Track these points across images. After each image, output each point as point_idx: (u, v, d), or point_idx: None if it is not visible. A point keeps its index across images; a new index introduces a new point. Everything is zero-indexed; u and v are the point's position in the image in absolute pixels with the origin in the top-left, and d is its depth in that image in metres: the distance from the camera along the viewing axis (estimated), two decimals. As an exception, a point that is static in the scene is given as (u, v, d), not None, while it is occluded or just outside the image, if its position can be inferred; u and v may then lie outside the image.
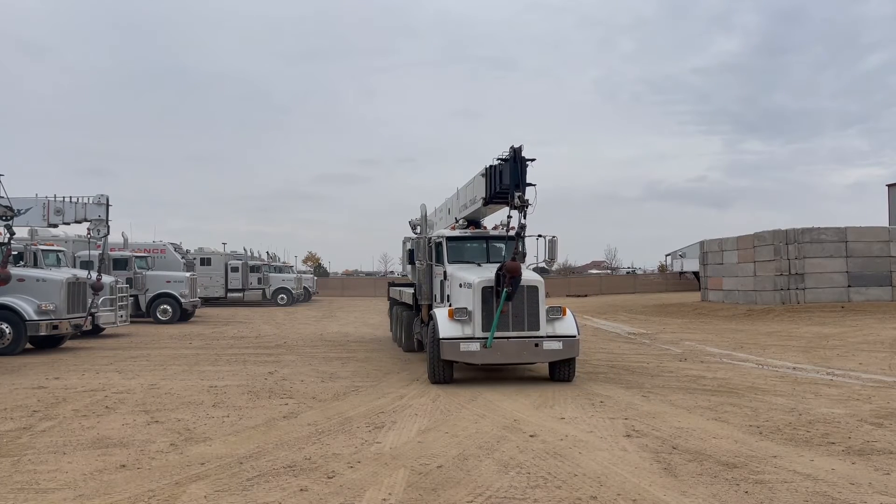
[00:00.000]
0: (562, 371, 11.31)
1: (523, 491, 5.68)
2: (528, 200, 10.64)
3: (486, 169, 11.60)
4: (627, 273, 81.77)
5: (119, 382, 11.85)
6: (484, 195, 11.81)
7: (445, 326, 10.98)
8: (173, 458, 6.84)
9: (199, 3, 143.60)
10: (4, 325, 15.80)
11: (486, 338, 10.73)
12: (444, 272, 12.75)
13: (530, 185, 10.75)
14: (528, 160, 10.74)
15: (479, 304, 10.92)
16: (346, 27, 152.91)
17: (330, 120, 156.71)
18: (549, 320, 11.12)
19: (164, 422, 8.57)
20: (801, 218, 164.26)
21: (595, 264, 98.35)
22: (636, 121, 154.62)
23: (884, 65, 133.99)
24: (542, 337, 10.93)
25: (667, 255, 72.42)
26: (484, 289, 10.93)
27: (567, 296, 54.73)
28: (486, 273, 11.26)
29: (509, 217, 11.05)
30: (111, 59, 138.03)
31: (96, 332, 20.24)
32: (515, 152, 10.66)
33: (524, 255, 12.30)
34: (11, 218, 16.28)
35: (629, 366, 13.77)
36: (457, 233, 13.39)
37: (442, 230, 13.87)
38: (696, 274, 47.77)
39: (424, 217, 14.04)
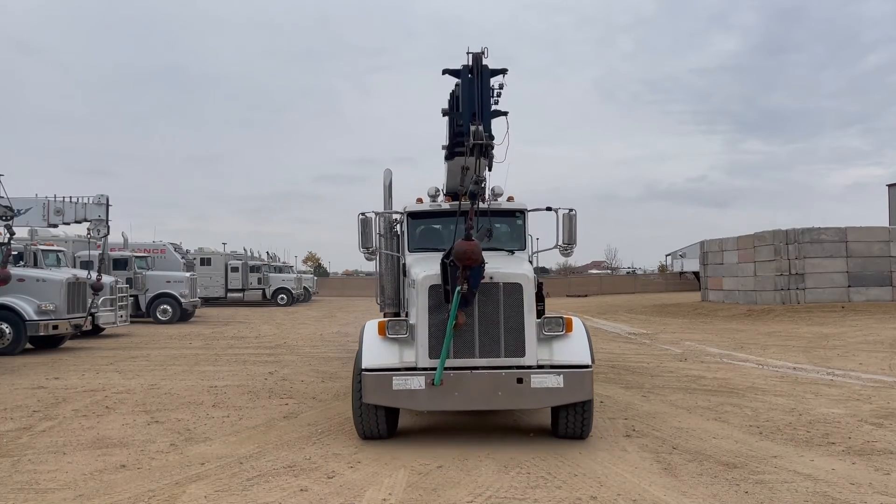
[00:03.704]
0: (570, 422, 7.19)
1: (523, 491, 5.68)
2: (491, 136, 6.73)
3: (449, 99, 7.54)
4: (627, 273, 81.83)
5: (119, 382, 11.85)
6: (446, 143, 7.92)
7: (372, 349, 7.09)
8: (173, 458, 6.85)
9: (198, 3, 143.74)
10: (4, 325, 15.80)
11: (435, 369, 6.81)
12: (404, 264, 8.86)
13: (498, 112, 6.96)
14: (497, 73, 6.97)
15: (426, 312, 6.98)
16: (344, 27, 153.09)
17: (329, 119, 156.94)
18: (544, 339, 7.12)
19: (164, 422, 8.57)
20: (801, 218, 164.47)
21: (595, 264, 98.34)
22: (636, 120, 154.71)
23: (883, 64, 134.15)
24: (529, 368, 6.92)
25: (667, 255, 72.48)
26: (432, 288, 6.99)
27: (567, 296, 54.77)
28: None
29: (465, 169, 7.14)
30: (111, 59, 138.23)
31: (96, 332, 20.24)
32: (476, 60, 6.85)
33: (490, 231, 7.94)
34: (11, 218, 16.28)
35: (629, 366, 13.77)
36: (423, 206, 9.21)
37: (409, 204, 9.48)
38: (696, 274, 47.79)
39: (388, 188, 9.75)
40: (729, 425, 8.16)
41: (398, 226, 9.54)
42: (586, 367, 6.99)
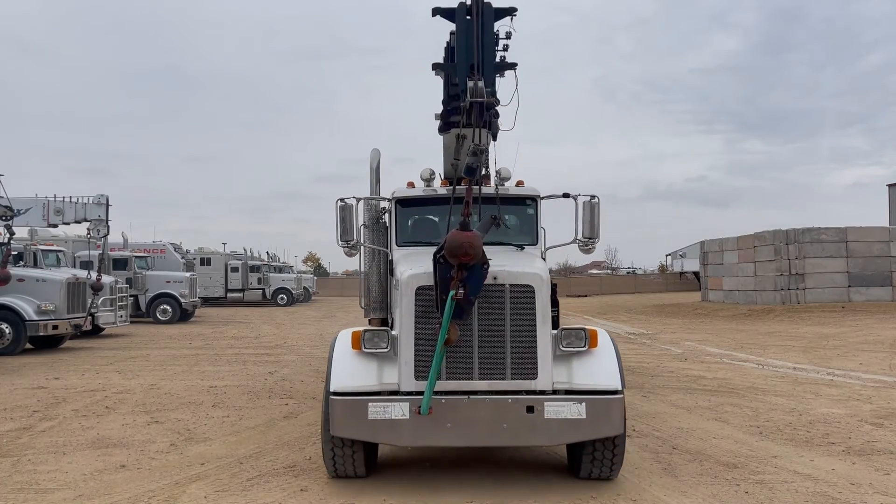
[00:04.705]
0: (596, 462, 5.84)
1: (523, 491, 5.68)
2: (493, 94, 5.58)
3: (445, 54, 6.31)
4: (628, 273, 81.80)
5: (119, 382, 11.84)
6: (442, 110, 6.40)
7: (343, 367, 5.77)
8: (173, 458, 6.85)
9: (197, 3, 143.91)
10: (4, 325, 15.79)
11: (422, 393, 5.40)
12: (391, 261, 7.49)
13: (505, 65, 5.86)
14: (503, 14, 5.79)
15: (412, 320, 5.67)
16: (344, 26, 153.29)
17: (329, 119, 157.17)
18: (562, 357, 5.78)
19: (164, 422, 8.57)
20: (801, 218, 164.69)
21: (595, 264, 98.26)
22: (636, 120, 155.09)
23: (884, 64, 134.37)
24: (542, 393, 5.57)
25: (667, 255, 72.59)
26: (420, 290, 5.69)
27: (567, 296, 54.75)
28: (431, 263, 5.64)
29: (461, 137, 5.97)
30: (111, 59, 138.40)
31: (96, 332, 20.23)
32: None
33: (497, 219, 6.38)
34: (11, 218, 16.31)
35: (629, 366, 13.75)
36: (414, 191, 7.69)
37: (398, 189, 7.82)
38: (696, 274, 47.79)
39: (375, 170, 7.89)
40: (729, 425, 8.16)
41: (386, 215, 7.90)
42: (615, 392, 5.56)
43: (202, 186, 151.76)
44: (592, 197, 7.27)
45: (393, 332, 5.81)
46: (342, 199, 7.22)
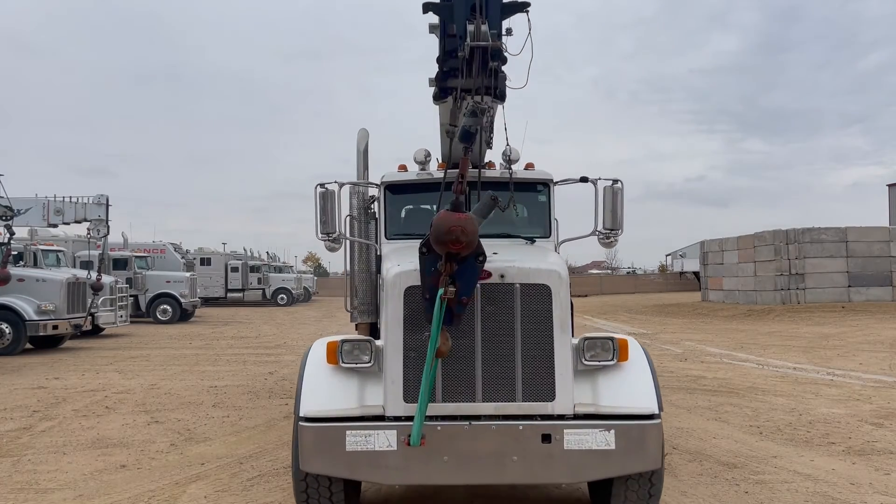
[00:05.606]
0: (627, 500, 4.79)
1: (522, 491, 5.70)
2: (499, 37, 4.27)
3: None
4: (628, 273, 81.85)
5: (119, 382, 11.84)
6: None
7: (317, 386, 4.75)
8: (173, 458, 6.85)
9: (198, 3, 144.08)
10: (4, 325, 15.81)
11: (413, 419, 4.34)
12: (379, 257, 6.39)
13: (515, 6, 4.53)
14: None
15: (400, 327, 4.63)
16: (345, 26, 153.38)
17: (329, 119, 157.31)
18: (585, 372, 4.76)
19: (164, 422, 8.57)
20: (801, 218, 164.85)
21: (595, 264, 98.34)
22: (635, 120, 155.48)
23: (884, 64, 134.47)
24: (562, 417, 4.55)
25: (667, 255, 72.60)
26: (411, 291, 4.62)
27: (567, 296, 54.69)
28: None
29: (459, 99, 4.54)
30: (111, 59, 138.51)
31: (96, 332, 20.25)
32: None
33: (497, 200, 4.81)
34: (11, 218, 16.32)
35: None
36: (406, 175, 6.58)
37: (387, 173, 6.67)
38: (696, 274, 47.81)
39: (362, 154, 6.59)
40: (729, 425, 8.16)
41: (375, 204, 6.72)
42: (652, 416, 4.51)
43: (202, 186, 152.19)
44: (615, 181, 6.13)
45: (378, 343, 4.78)
46: (322, 185, 6.00)
